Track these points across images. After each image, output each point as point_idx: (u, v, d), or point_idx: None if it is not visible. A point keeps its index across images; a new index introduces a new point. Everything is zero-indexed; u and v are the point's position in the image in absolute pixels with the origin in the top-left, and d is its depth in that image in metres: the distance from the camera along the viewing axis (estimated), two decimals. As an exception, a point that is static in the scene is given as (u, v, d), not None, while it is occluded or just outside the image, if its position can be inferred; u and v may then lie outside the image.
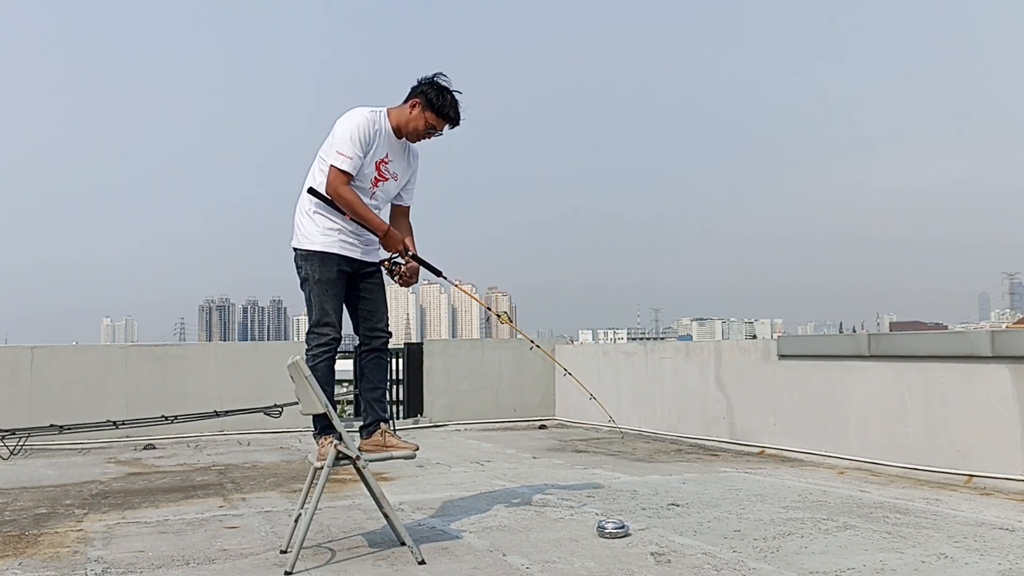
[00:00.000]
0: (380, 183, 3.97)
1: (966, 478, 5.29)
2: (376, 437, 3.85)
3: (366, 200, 3.91)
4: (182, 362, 9.04)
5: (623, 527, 3.91)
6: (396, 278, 4.03)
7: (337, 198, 3.84)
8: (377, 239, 3.96)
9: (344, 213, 3.85)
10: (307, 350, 3.89)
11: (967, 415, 5.41)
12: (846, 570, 3.30)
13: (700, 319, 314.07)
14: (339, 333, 3.89)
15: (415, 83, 3.97)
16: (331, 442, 3.59)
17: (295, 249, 3.96)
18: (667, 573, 3.29)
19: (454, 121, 3.99)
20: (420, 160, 4.16)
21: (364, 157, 3.85)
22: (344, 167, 3.80)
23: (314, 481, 3.69)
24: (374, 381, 3.99)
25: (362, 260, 3.98)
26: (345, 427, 3.82)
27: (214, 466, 6.73)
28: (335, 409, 3.70)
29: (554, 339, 10.70)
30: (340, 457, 3.57)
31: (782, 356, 6.90)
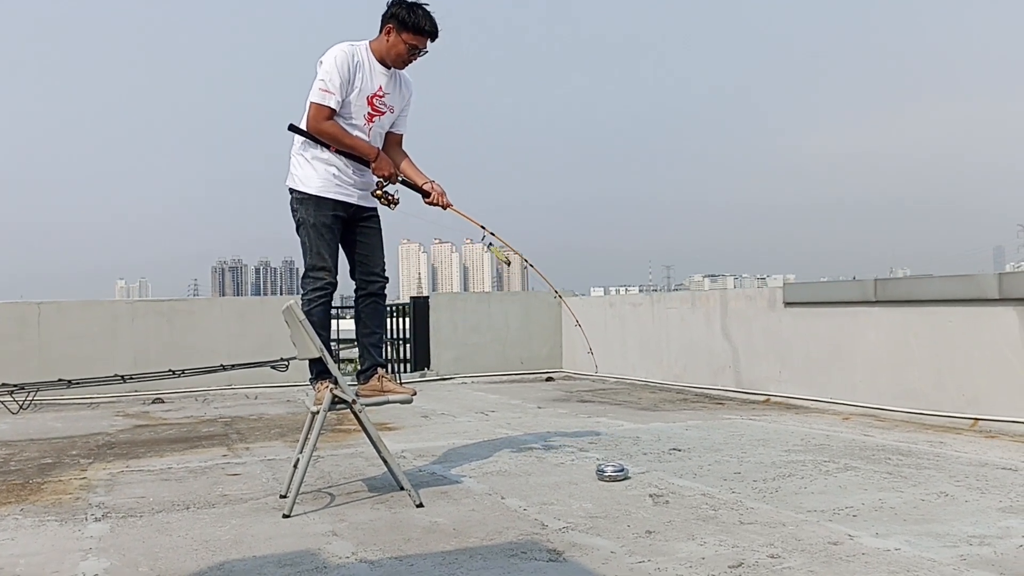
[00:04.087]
0: (376, 118, 3.90)
1: (972, 422, 5.25)
2: (374, 382, 3.83)
3: (363, 136, 3.85)
4: (189, 317, 9.06)
5: (622, 470, 3.90)
6: (389, 204, 3.94)
7: (320, 134, 3.78)
8: (370, 192, 3.92)
9: (329, 147, 3.80)
10: (303, 295, 3.87)
11: (974, 359, 5.36)
12: (844, 508, 3.28)
13: (712, 275, 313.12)
14: (334, 278, 3.85)
15: (384, 9, 3.88)
16: (327, 386, 3.58)
17: (291, 190, 3.92)
18: (664, 513, 3.28)
19: (432, 34, 3.87)
20: (415, 90, 4.08)
21: (349, 92, 3.79)
22: (326, 102, 3.74)
23: (312, 426, 3.68)
24: (371, 326, 3.97)
25: (359, 205, 3.93)
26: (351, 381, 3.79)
27: (220, 418, 6.76)
28: (331, 354, 3.69)
29: (562, 292, 10.65)
30: (336, 401, 3.56)
31: (788, 304, 6.84)
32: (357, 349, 4.02)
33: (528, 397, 7.65)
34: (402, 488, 3.66)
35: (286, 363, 8.57)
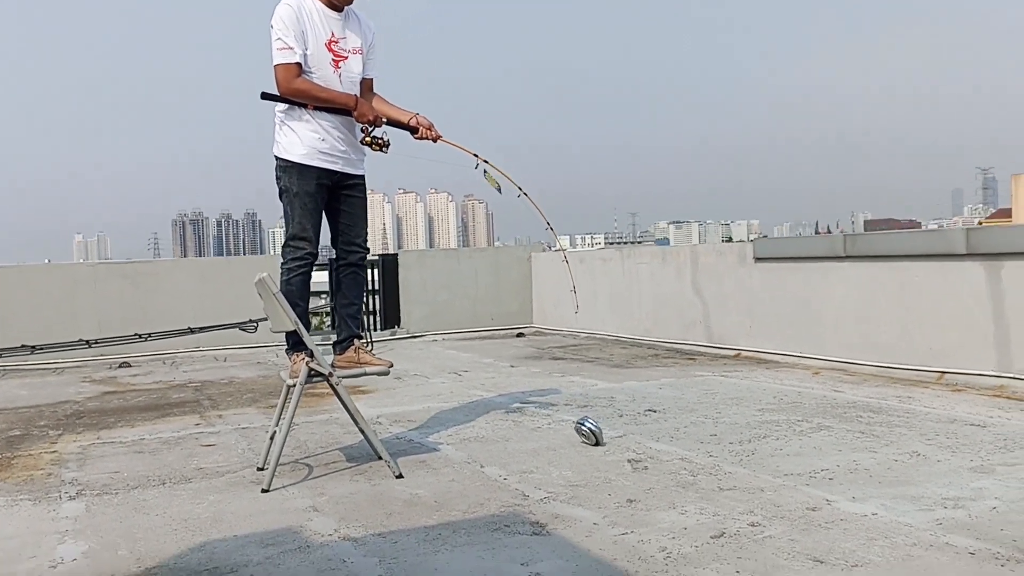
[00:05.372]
0: (341, 63, 3.81)
1: (938, 375, 5.34)
2: (350, 353, 3.80)
3: (335, 86, 3.77)
4: (153, 279, 8.90)
5: (599, 429, 3.90)
6: (381, 149, 3.84)
7: (293, 94, 3.70)
8: (359, 141, 3.85)
9: (307, 106, 3.72)
10: (282, 263, 3.82)
11: (941, 313, 5.44)
12: (820, 471, 3.33)
13: (677, 222, 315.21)
14: (315, 248, 3.79)
15: None
16: (303, 359, 3.54)
17: (275, 157, 3.83)
18: (644, 480, 3.31)
19: None
20: (376, 33, 3.98)
21: (306, 45, 3.69)
22: (290, 60, 3.66)
23: (288, 398, 3.64)
24: (350, 297, 3.92)
25: (343, 172, 3.85)
26: (320, 340, 3.75)
27: (190, 383, 6.69)
28: (307, 325, 3.64)
29: (531, 246, 10.63)
30: (313, 374, 3.52)
31: (758, 259, 6.87)
32: (334, 318, 3.97)
33: (500, 355, 7.65)
34: (381, 458, 3.65)
35: (255, 324, 8.48)
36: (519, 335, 9.55)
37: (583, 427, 3.92)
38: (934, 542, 2.52)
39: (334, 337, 4.00)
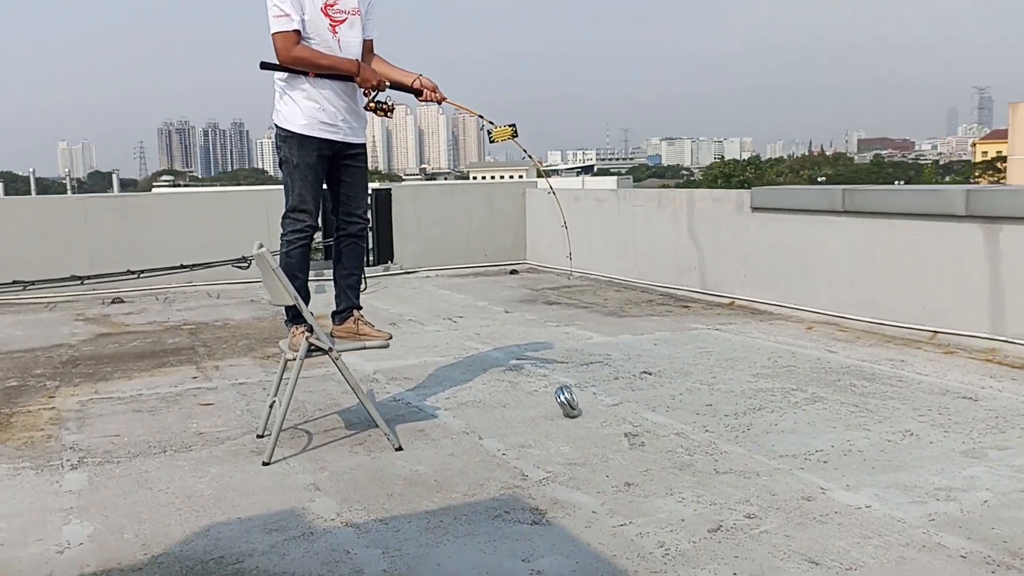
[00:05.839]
0: (339, 27, 3.70)
1: (931, 334, 5.39)
2: (349, 324, 3.79)
3: (334, 52, 3.67)
4: (143, 213, 8.79)
5: (566, 401, 3.91)
6: (386, 114, 3.79)
7: (294, 62, 3.61)
8: (363, 107, 3.78)
9: (307, 74, 3.63)
10: (282, 235, 3.78)
11: (937, 273, 5.45)
12: (815, 452, 3.38)
13: (669, 139, 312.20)
14: (315, 220, 3.75)
15: None
16: (303, 333, 3.53)
17: (275, 126, 3.75)
18: (641, 459, 3.35)
19: None
20: None
21: (303, 11, 3.58)
22: (288, 28, 3.55)
23: (286, 370, 3.66)
24: (349, 267, 3.89)
25: (344, 142, 3.77)
26: (314, 276, 3.64)
27: (185, 324, 6.69)
28: (307, 298, 3.62)
29: (524, 184, 10.53)
30: (313, 349, 3.53)
31: (755, 209, 6.83)
32: (334, 289, 3.94)
33: (494, 297, 7.66)
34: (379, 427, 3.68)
35: (247, 261, 8.44)
36: (512, 272, 9.54)
37: (559, 398, 3.94)
38: (927, 542, 2.57)
39: (327, 273, 3.94)
